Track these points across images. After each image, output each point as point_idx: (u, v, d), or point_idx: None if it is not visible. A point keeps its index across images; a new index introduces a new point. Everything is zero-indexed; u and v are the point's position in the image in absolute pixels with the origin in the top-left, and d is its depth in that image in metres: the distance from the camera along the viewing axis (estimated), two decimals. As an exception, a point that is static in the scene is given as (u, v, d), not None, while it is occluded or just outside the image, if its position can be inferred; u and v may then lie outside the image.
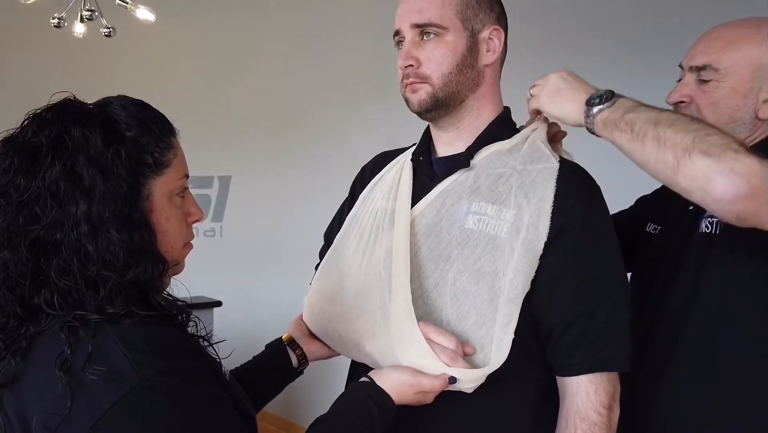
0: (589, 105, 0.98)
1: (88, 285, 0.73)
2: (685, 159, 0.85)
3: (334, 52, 3.06)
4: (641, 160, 0.92)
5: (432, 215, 1.06)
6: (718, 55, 1.10)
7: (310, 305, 1.21)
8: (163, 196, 0.82)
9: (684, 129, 0.88)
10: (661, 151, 0.88)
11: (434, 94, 1.05)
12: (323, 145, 3.10)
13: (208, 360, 0.79)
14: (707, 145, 0.84)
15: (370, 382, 0.93)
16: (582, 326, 0.97)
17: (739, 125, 1.10)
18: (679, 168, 0.86)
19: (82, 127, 0.76)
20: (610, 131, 0.95)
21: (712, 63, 1.10)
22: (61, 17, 2.53)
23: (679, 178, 0.87)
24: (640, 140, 0.90)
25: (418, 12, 1.04)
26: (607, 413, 0.97)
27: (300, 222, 3.12)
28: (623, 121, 0.93)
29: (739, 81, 1.08)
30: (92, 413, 0.67)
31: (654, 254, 1.18)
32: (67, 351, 0.69)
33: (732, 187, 0.82)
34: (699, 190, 0.85)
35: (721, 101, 1.10)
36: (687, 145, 0.85)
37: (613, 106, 0.95)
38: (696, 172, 0.84)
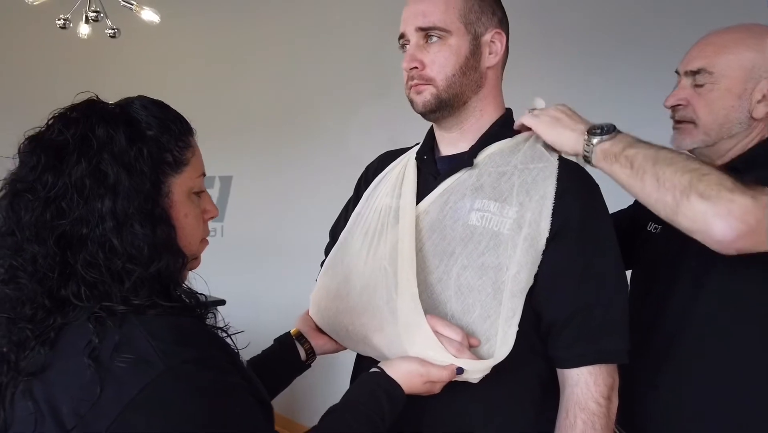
0: (590, 134, 1.02)
1: (113, 278, 0.76)
2: (684, 201, 0.90)
3: (335, 53, 3.09)
4: (641, 196, 0.97)
5: (436, 212, 1.09)
6: (712, 59, 1.14)
7: (316, 301, 1.24)
8: (181, 193, 0.85)
9: (681, 169, 0.92)
10: (661, 191, 0.93)
11: (438, 96, 1.08)
12: (324, 144, 3.13)
13: (227, 350, 0.82)
14: (704, 187, 0.89)
15: (380, 372, 0.96)
16: (582, 320, 1.01)
17: (735, 125, 1.14)
18: (679, 210, 0.91)
19: (106, 126, 0.79)
20: (609, 164, 0.99)
21: (707, 67, 1.14)
22: (66, 18, 2.56)
23: (679, 218, 0.92)
24: (640, 177, 0.95)
25: (422, 16, 1.07)
26: (606, 403, 1.00)
27: (301, 221, 3.15)
28: (623, 156, 0.97)
29: (733, 83, 1.13)
30: (120, 399, 0.69)
31: (655, 253, 1.22)
32: (95, 340, 0.72)
33: (731, 230, 0.87)
34: (700, 232, 0.91)
35: (716, 103, 1.14)
36: (684, 187, 0.90)
37: (613, 140, 1.00)
38: (695, 215, 0.89)
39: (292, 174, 3.21)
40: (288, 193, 3.18)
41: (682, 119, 1.19)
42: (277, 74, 3.22)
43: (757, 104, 1.12)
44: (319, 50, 3.13)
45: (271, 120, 3.22)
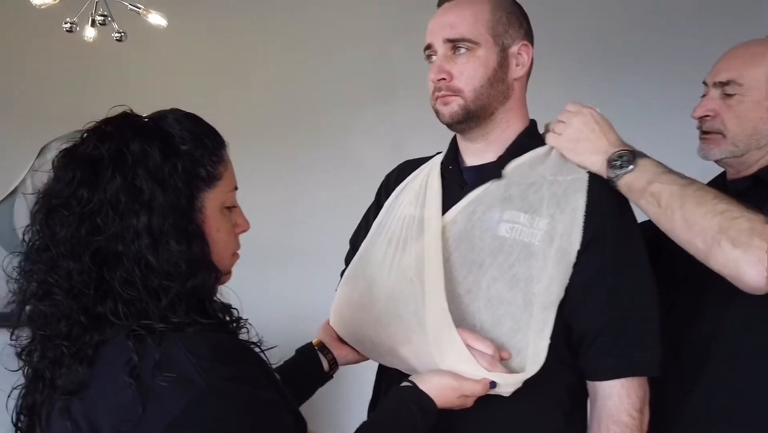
0: (610, 167, 1.02)
1: (150, 295, 0.76)
2: (715, 247, 0.92)
3: (339, 57, 3.07)
4: (671, 235, 0.99)
5: (464, 222, 1.09)
6: (741, 71, 1.15)
7: (338, 311, 1.23)
8: (214, 208, 0.84)
9: (711, 211, 0.93)
10: (691, 233, 0.95)
11: (466, 107, 1.07)
12: (327, 150, 3.11)
13: (263, 366, 0.82)
14: (735, 233, 0.91)
15: (413, 386, 0.95)
16: (614, 332, 1.00)
17: (763, 137, 1.15)
18: (710, 254, 0.93)
19: (141, 141, 0.78)
20: (636, 198, 1.01)
21: (736, 78, 1.15)
22: (73, 22, 2.54)
23: (710, 262, 0.94)
24: (669, 217, 0.97)
25: (450, 27, 1.07)
26: (639, 416, 1.00)
27: (305, 227, 3.14)
28: (648, 193, 0.99)
29: (762, 95, 1.13)
30: (162, 418, 0.69)
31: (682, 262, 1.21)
32: (135, 358, 0.72)
33: (762, 278, 0.89)
34: (731, 277, 0.93)
35: (744, 114, 1.15)
36: (715, 233, 0.92)
37: (635, 171, 1.00)
38: (727, 262, 0.92)
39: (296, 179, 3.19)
40: (292, 198, 3.16)
41: (710, 130, 1.19)
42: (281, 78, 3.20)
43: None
44: (323, 55, 3.12)
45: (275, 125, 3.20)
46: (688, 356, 1.16)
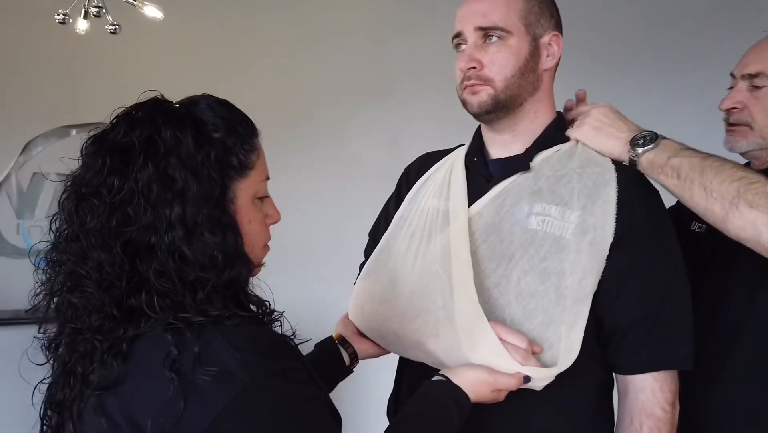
0: (633, 145, 1.02)
1: (186, 288, 0.73)
2: (733, 210, 0.92)
3: (336, 54, 3.05)
4: (690, 205, 0.99)
5: (491, 215, 1.07)
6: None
7: (359, 305, 1.21)
8: (246, 198, 0.82)
9: (729, 178, 0.94)
10: (709, 200, 0.95)
11: (496, 96, 1.06)
12: (325, 146, 3.09)
13: (302, 360, 0.79)
14: (752, 196, 0.91)
15: (446, 381, 0.93)
16: (648, 326, 0.99)
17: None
18: (728, 219, 0.93)
19: (173, 128, 0.75)
20: (656, 174, 1.00)
21: (765, 70, 1.15)
22: (66, 13, 2.48)
23: (728, 227, 0.94)
24: (687, 187, 0.97)
25: (482, 15, 1.05)
26: (671, 409, 1.00)
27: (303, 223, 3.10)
28: (669, 166, 0.99)
29: None
30: (206, 414, 0.67)
31: (702, 253, 1.21)
32: (175, 352, 0.69)
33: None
34: (750, 240, 0.93)
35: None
36: (733, 196, 0.92)
37: (657, 148, 1.01)
38: (744, 224, 0.92)
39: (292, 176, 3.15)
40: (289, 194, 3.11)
41: (737, 122, 1.19)
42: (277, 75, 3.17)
43: None
44: (319, 51, 3.10)
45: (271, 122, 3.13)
46: (711, 349, 1.16)
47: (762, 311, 1.13)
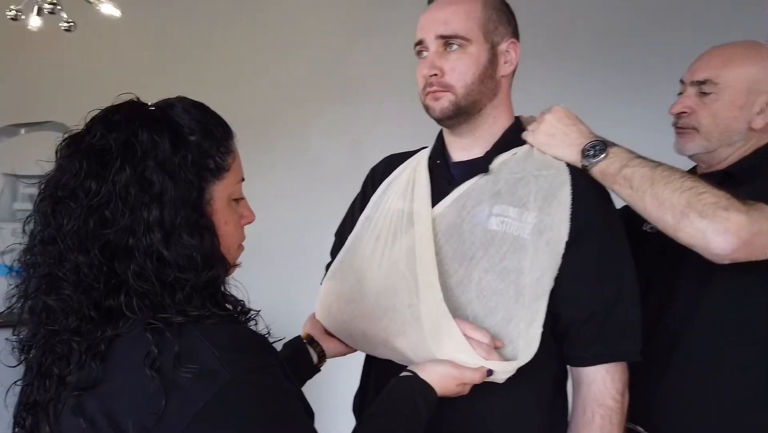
0: (585, 156, 1.08)
1: (164, 288, 0.74)
2: (684, 220, 1.00)
3: (297, 55, 3.05)
4: (643, 213, 1.06)
5: (453, 216, 1.11)
6: (718, 70, 1.22)
7: (326, 305, 1.24)
8: (222, 200, 0.83)
9: (680, 188, 1.01)
10: (661, 210, 1.02)
11: (457, 102, 1.10)
12: (288, 148, 3.08)
13: (278, 357, 0.81)
14: (701, 206, 0.99)
15: (414, 376, 0.97)
16: (600, 322, 1.06)
17: (734, 134, 1.23)
18: (679, 227, 1.01)
19: (150, 132, 0.76)
20: (609, 183, 1.07)
21: (713, 78, 1.23)
22: (18, 9, 2.42)
23: (679, 235, 1.02)
24: (640, 197, 1.04)
25: (443, 24, 1.09)
26: (621, 399, 1.06)
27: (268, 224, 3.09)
28: (621, 177, 1.05)
29: (736, 95, 1.21)
30: (187, 410, 0.68)
31: (652, 253, 1.28)
32: (155, 351, 0.70)
33: (727, 245, 0.98)
34: (699, 247, 1.01)
35: (719, 112, 1.22)
36: (683, 207, 1.00)
37: (608, 158, 1.07)
38: (695, 232, 0.99)
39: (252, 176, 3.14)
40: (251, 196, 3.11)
41: (685, 126, 1.27)
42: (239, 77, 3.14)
43: (756, 116, 1.22)
44: (280, 52, 3.09)
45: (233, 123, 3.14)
46: (661, 342, 1.23)
47: (707, 307, 1.20)
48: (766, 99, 1.21)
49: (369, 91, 2.89)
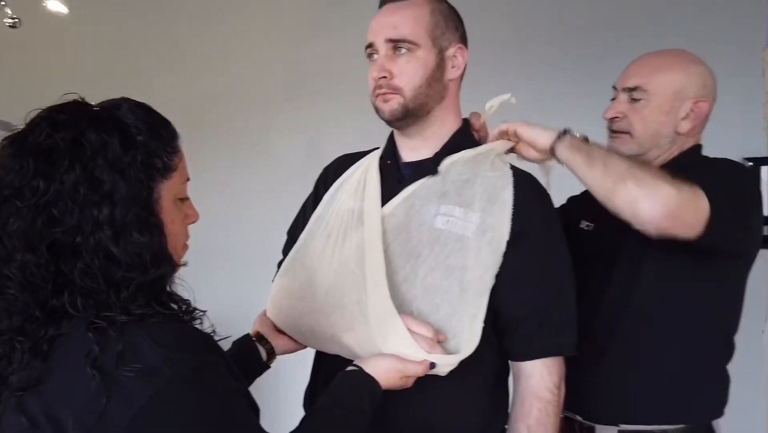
0: (565, 132, 1.15)
1: (110, 287, 0.75)
2: (621, 185, 1.07)
3: (252, 55, 3.03)
4: (590, 179, 1.12)
5: (402, 215, 1.15)
6: (648, 78, 1.30)
7: (276, 302, 1.25)
8: (169, 199, 0.84)
9: (627, 161, 1.11)
10: (605, 176, 1.09)
11: (405, 105, 1.13)
12: (244, 148, 3.06)
13: (223, 355, 0.83)
14: (640, 174, 1.07)
15: (359, 370, 1.00)
16: (538, 318, 1.11)
17: (662, 138, 1.31)
18: (616, 191, 1.08)
19: (98, 131, 0.77)
20: (572, 153, 1.13)
21: (642, 85, 1.30)
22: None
23: (614, 199, 1.08)
24: (592, 164, 1.11)
25: (393, 28, 1.12)
26: (557, 392, 1.11)
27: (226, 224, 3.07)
28: (584, 148, 1.13)
29: (664, 101, 1.29)
30: (129, 408, 0.69)
31: (590, 249, 1.35)
32: (97, 350, 0.71)
33: (653, 212, 1.04)
34: (630, 211, 1.07)
35: (648, 117, 1.30)
36: (624, 173, 1.07)
37: (579, 138, 1.15)
38: (628, 197, 1.06)
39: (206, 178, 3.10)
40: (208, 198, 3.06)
41: (618, 130, 1.34)
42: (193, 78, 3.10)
43: (681, 121, 1.30)
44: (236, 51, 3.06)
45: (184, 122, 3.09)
46: (596, 335, 1.30)
47: (637, 297, 1.28)
48: (690, 105, 1.29)
49: (325, 91, 2.90)
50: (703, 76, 1.30)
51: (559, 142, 1.13)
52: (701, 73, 1.30)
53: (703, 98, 1.30)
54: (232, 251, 2.97)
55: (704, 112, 1.31)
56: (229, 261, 2.98)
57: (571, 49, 2.38)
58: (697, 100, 1.29)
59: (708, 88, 1.31)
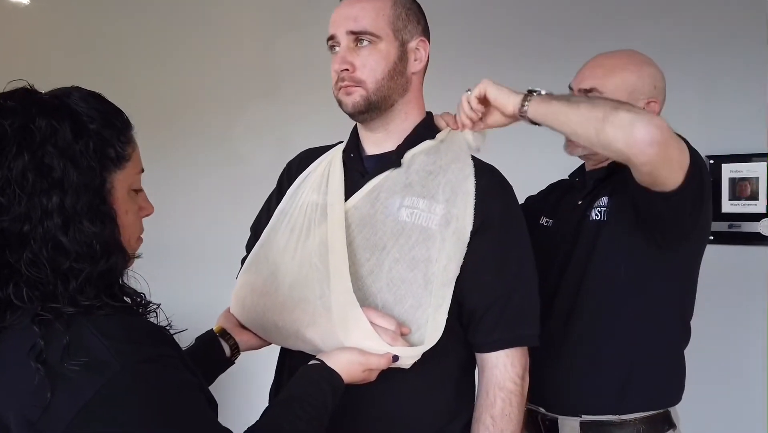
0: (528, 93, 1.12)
1: (58, 277, 0.73)
2: (613, 112, 1.03)
3: (221, 53, 3.00)
4: (574, 118, 1.07)
5: (367, 208, 1.14)
6: (602, 80, 1.32)
7: (240, 298, 1.24)
8: (122, 190, 0.83)
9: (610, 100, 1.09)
10: (594, 109, 1.05)
11: (368, 98, 1.13)
12: (211, 145, 3.03)
13: (177, 348, 0.81)
14: (629, 107, 1.06)
15: (320, 363, 0.99)
16: (500, 308, 1.11)
17: None
18: (607, 119, 1.03)
19: (48, 118, 0.75)
20: (547, 104, 1.09)
21: (598, 87, 1.32)
22: None
23: (606, 126, 1.03)
24: (575, 105, 1.07)
25: (354, 20, 1.12)
26: (521, 382, 1.12)
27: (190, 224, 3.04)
28: (563, 97, 1.11)
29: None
30: (75, 403, 0.67)
31: (549, 243, 1.38)
32: (41, 343, 0.69)
33: (649, 132, 1.00)
34: (623, 135, 1.02)
35: None
36: (615, 105, 1.05)
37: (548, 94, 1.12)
38: (622, 122, 1.02)
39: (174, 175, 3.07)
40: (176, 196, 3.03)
41: None
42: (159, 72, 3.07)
43: None
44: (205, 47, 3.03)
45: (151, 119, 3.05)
46: (555, 325, 1.32)
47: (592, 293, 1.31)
48: (643, 105, 1.31)
49: (293, 88, 2.88)
50: (655, 78, 1.34)
51: (527, 102, 1.11)
52: (653, 75, 1.34)
53: (654, 99, 1.33)
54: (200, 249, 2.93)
55: (655, 113, 1.33)
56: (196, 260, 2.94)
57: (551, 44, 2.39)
58: (649, 101, 1.33)
59: (659, 89, 1.34)
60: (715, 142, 2.14)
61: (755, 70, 2.06)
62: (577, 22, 2.32)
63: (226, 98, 2.99)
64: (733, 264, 2.10)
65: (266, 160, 2.96)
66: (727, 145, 2.13)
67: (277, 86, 2.93)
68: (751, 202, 2.10)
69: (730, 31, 2.11)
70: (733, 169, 2.12)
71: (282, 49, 2.90)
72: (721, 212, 2.12)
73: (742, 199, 2.11)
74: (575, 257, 1.33)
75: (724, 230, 2.12)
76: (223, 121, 2.99)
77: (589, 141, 1.07)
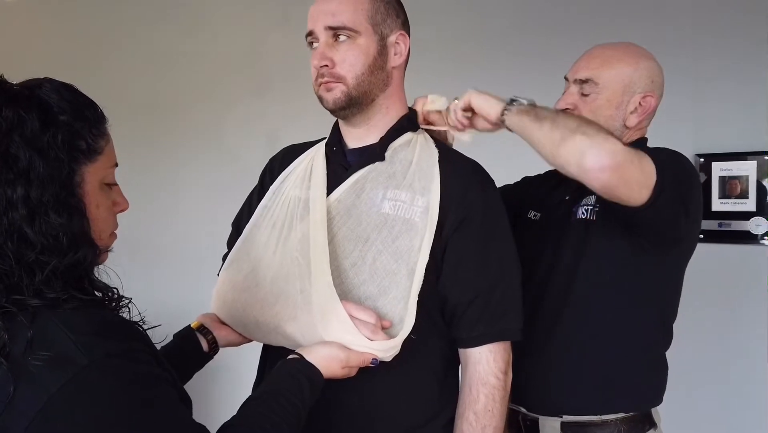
0: (509, 103, 1.14)
1: (23, 269, 0.72)
2: (569, 136, 1.04)
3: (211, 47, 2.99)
4: (537, 136, 1.09)
5: (351, 200, 1.14)
6: (598, 71, 1.31)
7: (221, 295, 1.22)
8: (94, 183, 0.82)
9: (575, 119, 1.10)
10: (554, 130, 1.07)
11: (348, 93, 1.12)
12: (199, 141, 3.01)
13: (147, 342, 0.80)
14: (587, 129, 1.05)
15: (299, 358, 0.97)
16: (482, 303, 1.10)
17: (612, 131, 1.28)
18: (563, 143, 1.04)
19: (15, 108, 0.74)
20: (520, 117, 1.11)
21: (593, 78, 1.31)
22: None
23: (561, 150, 1.05)
24: (540, 123, 1.09)
25: (332, 15, 1.11)
26: (504, 377, 1.11)
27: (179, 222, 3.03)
28: (533, 112, 1.11)
29: (613, 94, 1.30)
30: (38, 398, 0.66)
31: (537, 237, 1.37)
32: (5, 336, 0.68)
33: (600, 160, 1.02)
34: (575, 161, 1.04)
35: (598, 110, 1.31)
36: (573, 128, 1.05)
37: (527, 104, 1.13)
38: (575, 146, 1.03)
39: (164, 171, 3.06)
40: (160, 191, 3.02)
41: None
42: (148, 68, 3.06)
43: (630, 114, 1.31)
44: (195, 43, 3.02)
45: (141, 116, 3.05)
46: (543, 321, 1.31)
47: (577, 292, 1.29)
48: (638, 99, 1.30)
49: (284, 85, 2.87)
50: (652, 71, 1.32)
51: (507, 112, 1.12)
52: (650, 68, 1.32)
53: (650, 93, 1.31)
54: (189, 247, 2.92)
55: (651, 107, 1.32)
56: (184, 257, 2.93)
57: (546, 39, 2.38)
58: (645, 95, 1.31)
59: (656, 84, 1.32)
60: (705, 141, 2.14)
61: (745, 69, 2.07)
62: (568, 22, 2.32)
63: (215, 95, 2.98)
64: (723, 262, 2.10)
65: (256, 157, 2.94)
66: (717, 143, 2.13)
67: (267, 83, 2.92)
68: (740, 200, 2.10)
69: (721, 30, 2.11)
70: (722, 168, 2.12)
71: (271, 46, 2.89)
72: (711, 211, 2.12)
73: (732, 198, 2.11)
74: (562, 259, 1.32)
75: (714, 229, 2.12)
76: (214, 118, 2.99)
77: (549, 160, 1.10)
